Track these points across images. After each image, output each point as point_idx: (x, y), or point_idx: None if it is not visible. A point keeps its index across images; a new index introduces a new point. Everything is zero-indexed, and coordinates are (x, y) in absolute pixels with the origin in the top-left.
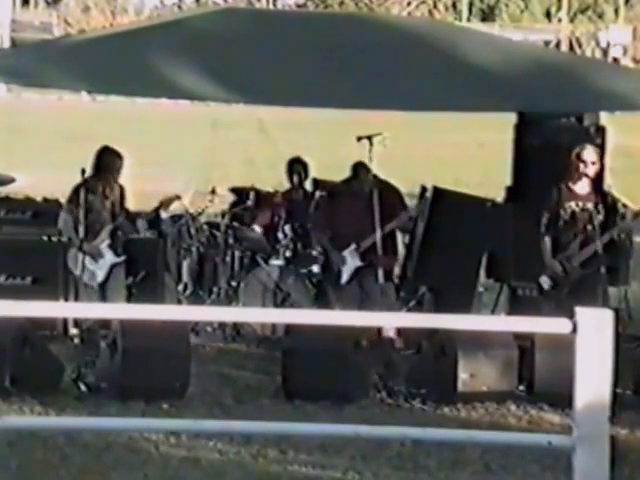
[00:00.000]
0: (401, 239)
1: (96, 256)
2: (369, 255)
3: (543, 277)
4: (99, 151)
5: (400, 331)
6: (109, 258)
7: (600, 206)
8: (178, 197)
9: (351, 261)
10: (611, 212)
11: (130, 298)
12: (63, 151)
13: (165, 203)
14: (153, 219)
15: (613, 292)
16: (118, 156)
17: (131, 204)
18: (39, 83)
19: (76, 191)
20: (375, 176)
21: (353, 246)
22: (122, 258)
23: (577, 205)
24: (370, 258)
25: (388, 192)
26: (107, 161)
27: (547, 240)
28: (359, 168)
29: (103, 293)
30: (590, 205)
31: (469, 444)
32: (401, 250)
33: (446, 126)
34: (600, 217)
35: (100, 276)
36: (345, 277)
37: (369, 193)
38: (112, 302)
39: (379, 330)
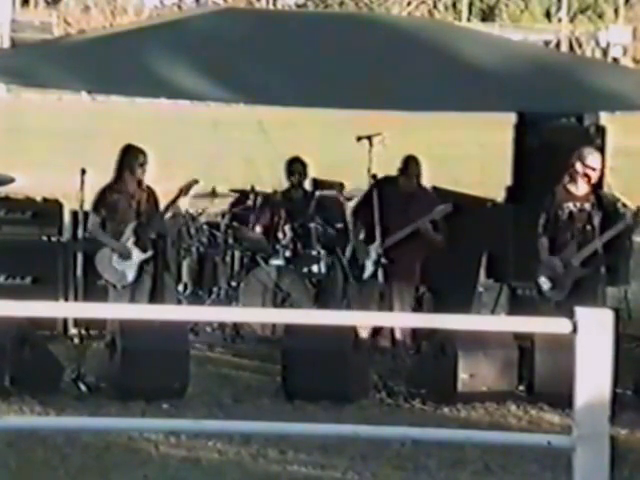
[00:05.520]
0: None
1: (124, 255)
2: (392, 253)
3: (542, 278)
4: (122, 150)
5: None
6: (136, 256)
7: (598, 206)
8: (196, 181)
9: (375, 257)
10: (610, 212)
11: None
12: (63, 151)
13: (184, 189)
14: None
15: (613, 292)
16: (141, 153)
17: None
18: (39, 83)
19: (102, 193)
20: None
21: (378, 241)
22: (149, 253)
23: (575, 205)
24: (392, 256)
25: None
26: (129, 159)
27: (544, 241)
28: (410, 162)
29: (133, 293)
30: (588, 205)
31: (469, 444)
32: None
33: (446, 126)
34: (599, 217)
35: (130, 276)
36: (367, 272)
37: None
38: (141, 301)
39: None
